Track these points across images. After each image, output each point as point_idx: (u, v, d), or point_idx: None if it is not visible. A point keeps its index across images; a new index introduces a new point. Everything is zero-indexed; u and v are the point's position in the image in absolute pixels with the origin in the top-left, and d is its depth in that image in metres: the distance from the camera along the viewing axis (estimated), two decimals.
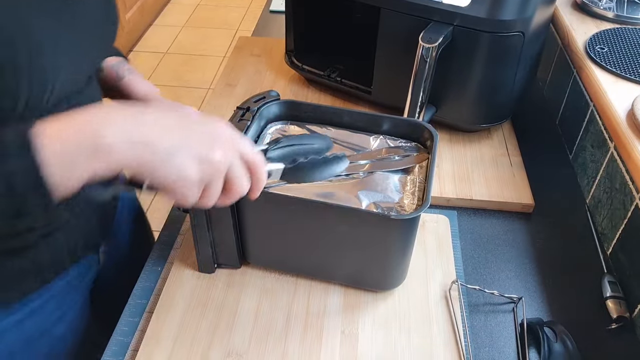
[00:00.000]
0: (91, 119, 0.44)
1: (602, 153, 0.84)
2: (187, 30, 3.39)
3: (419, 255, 0.74)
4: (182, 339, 0.65)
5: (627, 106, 0.78)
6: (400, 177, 0.69)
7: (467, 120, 0.93)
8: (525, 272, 0.76)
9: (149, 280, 0.73)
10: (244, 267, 0.73)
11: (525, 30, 0.81)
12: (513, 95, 0.91)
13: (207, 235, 0.68)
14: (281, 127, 0.75)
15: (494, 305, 0.72)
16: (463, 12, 0.81)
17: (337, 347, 0.64)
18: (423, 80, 0.83)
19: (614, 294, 0.71)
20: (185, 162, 0.45)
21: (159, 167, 0.45)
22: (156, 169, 0.45)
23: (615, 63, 0.87)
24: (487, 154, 0.93)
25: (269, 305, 0.69)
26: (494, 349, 0.67)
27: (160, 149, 0.44)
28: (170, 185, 0.46)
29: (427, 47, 0.80)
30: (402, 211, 0.64)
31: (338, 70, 1.05)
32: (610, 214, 0.79)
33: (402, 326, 0.66)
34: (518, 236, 0.81)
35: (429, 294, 0.70)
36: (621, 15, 0.98)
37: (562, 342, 0.66)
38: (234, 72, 1.15)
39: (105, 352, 0.65)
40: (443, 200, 0.85)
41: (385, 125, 0.74)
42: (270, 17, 1.40)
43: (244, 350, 0.64)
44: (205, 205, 0.51)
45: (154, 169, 0.45)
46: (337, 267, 0.69)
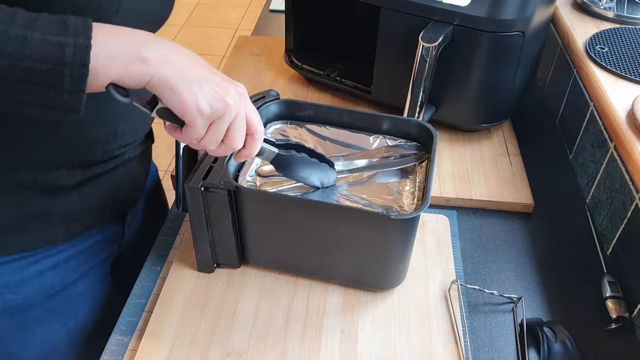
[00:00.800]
0: (138, 33, 0.50)
1: (602, 153, 0.84)
2: (186, 29, 3.39)
3: (419, 255, 0.74)
4: (182, 338, 0.65)
5: (627, 106, 0.78)
6: (400, 177, 0.69)
7: (467, 120, 0.93)
8: (524, 272, 0.76)
9: (148, 279, 0.73)
10: (244, 267, 0.73)
11: (525, 30, 0.81)
12: (513, 95, 0.91)
13: (206, 234, 0.68)
14: (281, 126, 0.75)
15: (493, 305, 0.72)
16: (463, 12, 0.81)
17: (336, 346, 0.64)
18: (423, 79, 0.83)
19: (614, 294, 0.71)
20: (204, 92, 0.51)
21: (181, 90, 0.49)
22: (178, 91, 0.49)
23: (615, 63, 0.86)
24: (487, 154, 0.93)
25: (268, 304, 0.69)
26: (494, 349, 0.66)
27: (186, 75, 0.50)
28: (184, 110, 0.50)
29: (427, 46, 0.80)
30: (402, 211, 0.64)
31: (338, 70, 1.05)
32: (610, 214, 0.79)
33: (401, 326, 0.66)
34: (518, 236, 0.81)
35: (428, 293, 0.70)
36: (621, 15, 0.98)
37: (562, 342, 0.66)
38: (233, 72, 1.15)
39: (105, 351, 0.65)
40: (443, 200, 0.85)
41: (385, 124, 0.74)
42: (270, 16, 1.40)
43: (243, 349, 0.64)
44: (204, 147, 0.54)
45: (176, 91, 0.49)
46: (336, 266, 0.69)
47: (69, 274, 0.72)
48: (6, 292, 0.67)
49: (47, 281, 0.70)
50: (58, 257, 0.70)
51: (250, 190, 0.64)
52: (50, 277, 0.70)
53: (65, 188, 0.66)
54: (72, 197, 0.67)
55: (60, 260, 0.70)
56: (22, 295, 0.68)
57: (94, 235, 0.74)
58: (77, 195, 0.68)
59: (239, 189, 0.63)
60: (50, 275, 0.70)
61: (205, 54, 3.13)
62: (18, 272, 0.67)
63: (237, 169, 0.68)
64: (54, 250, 0.69)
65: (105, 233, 0.76)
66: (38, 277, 0.69)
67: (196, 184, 0.62)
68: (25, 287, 0.68)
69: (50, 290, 0.71)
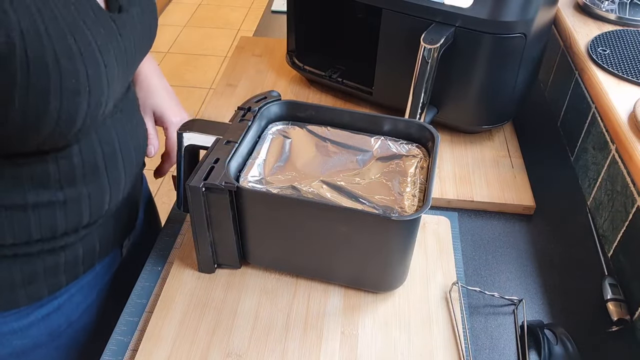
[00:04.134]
0: None
1: (604, 155, 0.84)
2: (188, 29, 3.39)
3: (420, 256, 0.74)
4: (182, 339, 0.65)
5: (629, 108, 0.78)
6: (401, 178, 0.69)
7: (468, 121, 0.93)
8: (525, 274, 0.76)
9: (148, 280, 0.73)
10: (244, 268, 0.73)
11: (527, 32, 0.81)
12: (514, 97, 0.91)
13: (207, 235, 0.68)
14: (282, 127, 0.75)
15: (494, 307, 0.72)
16: (465, 14, 0.81)
17: (336, 348, 0.64)
18: (424, 81, 0.82)
19: (615, 297, 0.71)
20: None
21: None
22: None
23: (617, 65, 0.86)
24: (488, 156, 0.93)
25: (268, 305, 0.68)
26: (494, 351, 0.66)
27: None
28: None
29: (429, 48, 0.80)
30: (403, 212, 0.64)
31: (339, 71, 1.05)
32: (612, 216, 0.79)
33: (402, 327, 0.66)
34: (519, 238, 0.81)
35: (429, 295, 0.70)
36: (623, 17, 0.98)
37: (563, 344, 0.65)
38: (235, 72, 1.15)
39: (105, 351, 0.65)
40: (444, 201, 0.85)
41: (386, 126, 0.73)
42: (271, 17, 1.40)
43: (243, 350, 0.64)
44: None
45: None
46: (337, 268, 0.69)
47: (73, 311, 0.73)
48: (13, 338, 0.67)
49: (53, 322, 0.71)
50: (62, 298, 0.70)
51: (251, 191, 0.64)
52: (56, 318, 0.70)
53: (70, 244, 0.67)
54: (76, 247, 0.68)
55: (64, 300, 0.71)
56: (29, 339, 0.69)
57: (95, 268, 0.74)
58: (81, 245, 0.68)
59: (240, 189, 0.63)
60: (55, 317, 0.70)
61: (206, 54, 3.14)
62: (24, 318, 0.67)
63: (238, 169, 0.68)
64: (57, 293, 0.69)
65: (104, 262, 0.76)
66: (44, 320, 0.69)
67: (197, 184, 0.62)
68: (31, 331, 0.68)
69: (57, 330, 0.71)
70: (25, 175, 0.57)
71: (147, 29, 0.65)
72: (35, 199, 0.59)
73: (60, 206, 0.61)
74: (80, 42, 0.51)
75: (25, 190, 0.58)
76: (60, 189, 0.60)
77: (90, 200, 0.64)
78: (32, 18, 0.47)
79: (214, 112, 1.04)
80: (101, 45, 0.54)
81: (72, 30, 0.51)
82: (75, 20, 0.51)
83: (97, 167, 0.63)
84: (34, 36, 0.47)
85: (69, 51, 0.50)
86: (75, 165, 0.60)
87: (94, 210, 0.65)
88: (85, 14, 0.53)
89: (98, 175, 0.64)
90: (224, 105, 1.05)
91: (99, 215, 0.67)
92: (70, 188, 0.61)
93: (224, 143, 0.67)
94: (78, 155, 0.60)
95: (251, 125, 0.71)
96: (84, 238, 0.68)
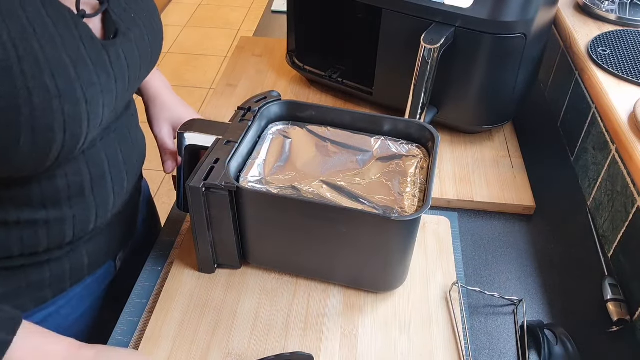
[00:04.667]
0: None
1: (604, 155, 0.84)
2: (188, 30, 3.39)
3: (420, 256, 0.74)
4: (182, 339, 0.65)
5: (629, 108, 0.78)
6: (401, 178, 0.69)
7: (468, 121, 0.93)
8: (525, 274, 0.76)
9: (148, 280, 0.73)
10: (244, 268, 0.73)
11: (527, 32, 0.81)
12: (515, 97, 0.91)
13: (207, 235, 0.68)
14: (282, 127, 0.75)
15: (494, 307, 0.72)
16: (465, 14, 0.81)
17: (337, 348, 0.64)
18: (424, 81, 0.82)
19: (615, 297, 0.71)
20: None
21: None
22: None
23: (617, 65, 0.86)
24: (488, 156, 0.93)
25: (268, 305, 0.68)
26: (494, 351, 0.66)
27: None
28: None
29: (429, 48, 0.80)
30: (403, 212, 0.64)
31: (339, 71, 1.05)
32: (612, 216, 0.79)
33: (402, 327, 0.66)
34: (519, 238, 0.81)
35: (429, 295, 0.70)
36: (623, 18, 0.98)
37: (563, 344, 0.65)
38: (235, 72, 1.15)
39: None
40: (444, 201, 0.85)
41: (386, 126, 0.73)
42: (271, 17, 1.40)
43: (243, 350, 0.64)
44: None
45: None
46: (337, 268, 0.69)
47: (62, 321, 0.71)
48: None
49: None
50: (49, 309, 0.68)
51: (251, 191, 0.64)
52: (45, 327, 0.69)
53: (55, 258, 0.65)
54: (62, 262, 0.66)
55: (51, 312, 0.69)
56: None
57: (85, 281, 0.72)
58: (67, 260, 0.67)
59: (240, 189, 0.63)
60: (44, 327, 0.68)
61: (207, 54, 3.14)
62: None
63: (238, 169, 0.68)
64: (43, 306, 0.67)
65: (97, 274, 0.74)
66: None
67: (197, 184, 0.62)
68: None
69: None
70: (6, 196, 0.56)
71: (147, 51, 0.64)
72: (16, 217, 0.58)
73: (43, 225, 0.60)
74: (59, 79, 0.50)
75: (7, 208, 0.57)
76: (43, 208, 0.59)
77: (74, 220, 0.62)
78: (6, 55, 0.46)
79: (214, 112, 1.04)
80: (85, 80, 0.53)
81: (52, 67, 0.50)
82: (57, 56, 0.50)
83: (83, 189, 0.61)
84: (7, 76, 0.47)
85: (44, 89, 0.49)
86: (59, 187, 0.59)
87: (78, 229, 0.64)
88: (72, 48, 0.52)
89: (84, 196, 0.62)
90: (224, 105, 1.05)
91: (84, 233, 0.65)
92: (54, 209, 0.60)
93: (224, 143, 0.67)
94: (63, 177, 0.59)
95: (251, 125, 0.71)
96: (70, 253, 0.66)
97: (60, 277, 0.67)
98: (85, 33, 0.54)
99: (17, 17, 0.47)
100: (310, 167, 0.70)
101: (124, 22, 0.60)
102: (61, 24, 0.51)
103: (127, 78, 0.60)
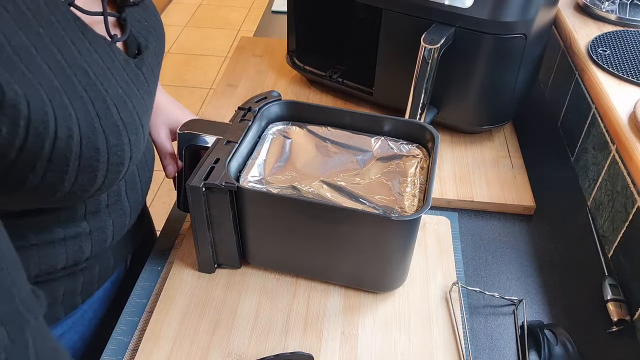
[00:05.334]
0: None
1: (604, 156, 0.84)
2: (188, 30, 3.39)
3: (420, 256, 0.74)
4: (182, 339, 0.65)
5: (629, 109, 0.78)
6: (401, 178, 0.69)
7: (468, 121, 0.93)
8: (525, 275, 0.76)
9: (148, 280, 0.73)
10: (244, 268, 0.73)
11: (527, 32, 0.81)
12: (515, 97, 0.91)
13: (207, 235, 0.68)
14: (282, 127, 0.75)
15: (494, 307, 0.72)
16: (465, 14, 0.81)
17: (336, 348, 0.64)
18: (425, 81, 0.83)
19: (615, 297, 0.71)
20: None
21: None
22: None
23: (617, 66, 0.86)
24: (488, 156, 0.93)
25: (268, 305, 0.68)
26: (494, 352, 0.66)
27: None
28: None
29: (429, 48, 0.80)
30: (403, 212, 0.64)
31: (339, 71, 1.05)
32: (612, 216, 0.79)
33: (402, 328, 0.66)
34: (519, 238, 0.81)
35: (429, 295, 0.70)
36: (624, 18, 0.98)
37: (563, 344, 0.65)
38: (235, 73, 1.15)
39: (105, 351, 0.65)
40: (444, 201, 0.85)
41: (386, 126, 0.73)
42: (272, 17, 1.41)
43: (243, 350, 0.64)
44: None
45: None
46: (337, 268, 0.69)
47: (85, 328, 0.72)
48: None
49: (68, 341, 0.69)
50: (76, 315, 0.69)
51: (251, 191, 0.64)
52: (70, 336, 0.69)
53: (90, 266, 0.67)
54: (94, 267, 0.68)
55: (77, 318, 0.70)
56: None
57: (105, 285, 0.73)
58: (97, 264, 0.68)
59: (241, 189, 0.63)
60: (70, 335, 0.69)
61: (207, 54, 3.14)
62: None
63: (238, 169, 0.68)
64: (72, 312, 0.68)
65: (112, 278, 0.75)
66: (60, 340, 0.67)
67: (198, 184, 0.62)
68: None
69: (71, 349, 0.70)
70: (54, 218, 0.58)
71: (160, 54, 0.65)
72: (63, 234, 0.59)
73: (86, 236, 0.62)
74: (122, 113, 0.52)
75: (53, 228, 0.58)
76: (86, 220, 0.61)
77: (114, 226, 0.65)
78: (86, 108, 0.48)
79: (214, 112, 1.04)
80: (138, 108, 0.55)
81: (115, 103, 0.51)
82: (115, 91, 0.52)
83: (120, 196, 0.64)
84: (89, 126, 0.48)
85: (115, 127, 0.51)
86: (101, 199, 0.62)
87: (117, 233, 0.66)
88: (121, 79, 0.53)
89: (120, 202, 0.65)
90: (224, 106, 1.05)
91: (120, 236, 0.67)
92: (95, 219, 0.62)
93: (224, 143, 0.67)
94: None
95: (251, 125, 0.71)
96: (100, 257, 0.68)
97: (91, 282, 0.68)
98: (122, 58, 0.55)
99: (78, 62, 0.48)
100: (310, 167, 0.70)
101: (142, 34, 0.61)
102: (106, 57, 0.52)
103: (154, 87, 0.62)
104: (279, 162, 0.70)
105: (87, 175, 0.50)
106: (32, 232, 0.57)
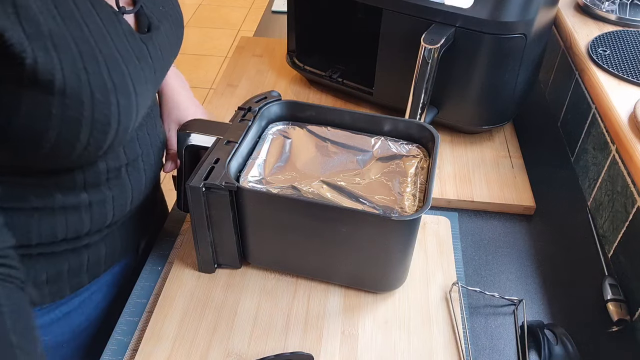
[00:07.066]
0: None
1: (604, 156, 0.84)
2: (188, 29, 3.39)
3: (420, 256, 0.74)
4: (182, 339, 0.65)
5: (629, 109, 0.78)
6: (401, 178, 0.69)
7: (468, 121, 0.93)
8: (525, 275, 0.76)
9: (149, 280, 0.73)
10: (244, 268, 0.73)
11: (527, 32, 0.81)
12: (515, 97, 0.91)
13: (207, 235, 0.68)
14: (282, 127, 0.75)
15: (494, 307, 0.72)
16: (465, 14, 0.81)
17: (337, 348, 0.64)
18: (425, 81, 0.82)
19: (615, 297, 0.71)
20: None
21: None
22: None
23: (617, 66, 0.86)
24: (489, 156, 0.93)
25: (268, 305, 0.68)
26: (494, 351, 0.66)
27: None
28: None
29: (429, 48, 0.80)
30: (403, 212, 0.64)
31: (340, 71, 1.05)
32: (612, 216, 0.79)
33: (402, 328, 0.66)
34: (519, 238, 0.81)
35: (429, 295, 0.70)
36: (624, 18, 0.98)
37: (563, 344, 0.65)
38: (235, 72, 1.15)
39: (105, 351, 0.65)
40: (444, 201, 0.85)
41: (386, 126, 0.73)
42: (272, 17, 1.41)
43: (243, 350, 0.64)
44: None
45: None
46: (337, 268, 0.69)
47: (93, 310, 0.74)
48: None
49: (74, 320, 0.71)
50: (83, 296, 0.71)
51: (251, 191, 0.64)
52: (76, 316, 0.71)
53: (94, 243, 0.68)
54: (99, 247, 0.69)
55: (84, 299, 0.72)
56: (50, 336, 0.69)
57: (114, 268, 0.75)
58: (104, 244, 0.70)
59: (241, 189, 0.63)
60: (76, 315, 0.71)
61: (207, 54, 3.14)
62: (46, 315, 0.68)
63: (238, 169, 0.68)
64: (78, 292, 0.70)
65: (122, 263, 0.77)
66: (65, 318, 0.70)
67: (197, 184, 0.62)
68: (53, 329, 0.69)
69: (77, 328, 0.72)
70: (52, 183, 0.59)
71: (175, 42, 0.67)
72: (62, 202, 0.61)
73: (86, 207, 0.63)
74: (114, 74, 0.53)
75: (53, 194, 0.60)
76: (85, 191, 0.62)
77: (114, 201, 0.66)
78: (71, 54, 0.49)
79: (214, 112, 1.04)
80: (133, 75, 0.56)
81: (108, 63, 0.53)
82: (110, 53, 0.53)
83: (119, 172, 0.65)
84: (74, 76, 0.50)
85: (103, 84, 0.52)
86: (100, 171, 0.62)
87: (118, 210, 0.67)
88: (120, 44, 0.55)
89: (121, 178, 0.66)
90: (224, 105, 1.05)
91: (122, 215, 0.68)
92: (95, 191, 0.63)
93: (225, 143, 0.67)
94: (103, 162, 0.62)
95: (251, 125, 0.71)
96: (106, 237, 0.69)
97: (97, 262, 0.70)
98: (127, 29, 0.57)
99: (74, 17, 0.50)
100: (310, 167, 0.70)
101: (155, 15, 0.63)
102: (108, 22, 0.54)
103: (162, 69, 0.64)
104: (279, 162, 0.70)
105: (71, 126, 0.51)
106: (33, 194, 0.59)
